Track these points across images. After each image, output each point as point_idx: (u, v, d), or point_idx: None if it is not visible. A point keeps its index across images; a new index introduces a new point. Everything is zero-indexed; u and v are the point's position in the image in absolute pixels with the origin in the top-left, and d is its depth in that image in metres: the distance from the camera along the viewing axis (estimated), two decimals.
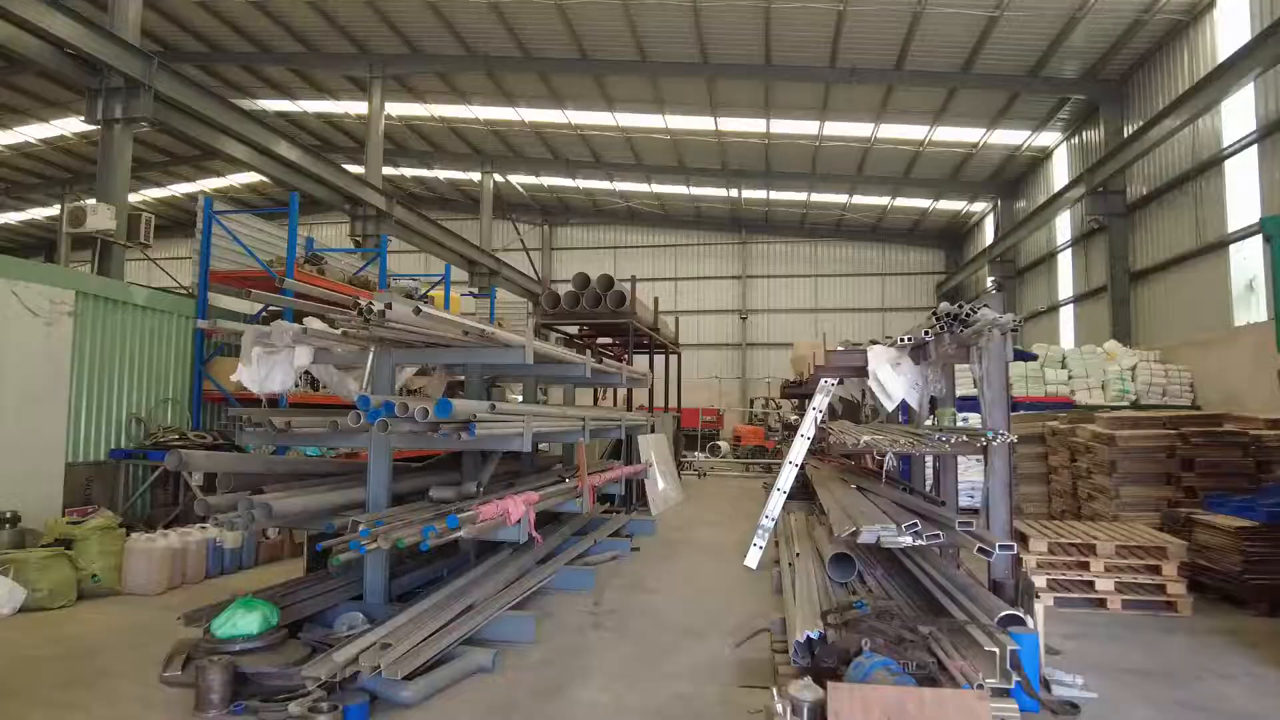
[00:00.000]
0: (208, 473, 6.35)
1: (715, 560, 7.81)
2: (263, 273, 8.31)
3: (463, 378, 6.58)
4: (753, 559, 7.23)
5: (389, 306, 3.68)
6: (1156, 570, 5.60)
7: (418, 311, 3.68)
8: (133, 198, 27.50)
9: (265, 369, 5.34)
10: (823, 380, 7.10)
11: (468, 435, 4.09)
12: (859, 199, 25.68)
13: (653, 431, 11.67)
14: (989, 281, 24.78)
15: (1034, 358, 13.68)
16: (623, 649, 4.94)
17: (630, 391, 11.82)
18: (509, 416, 4.58)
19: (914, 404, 4.94)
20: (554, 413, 5.56)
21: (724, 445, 24.24)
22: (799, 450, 7.15)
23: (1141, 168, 15.02)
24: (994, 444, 4.40)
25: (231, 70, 20.57)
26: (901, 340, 4.74)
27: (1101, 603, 5.66)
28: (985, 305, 4.28)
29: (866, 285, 29.90)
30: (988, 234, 25.04)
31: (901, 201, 25.59)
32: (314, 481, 5.49)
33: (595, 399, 15.48)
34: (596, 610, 5.73)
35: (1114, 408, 12.29)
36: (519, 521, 4.76)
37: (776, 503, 7.17)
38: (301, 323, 5.02)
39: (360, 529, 4.02)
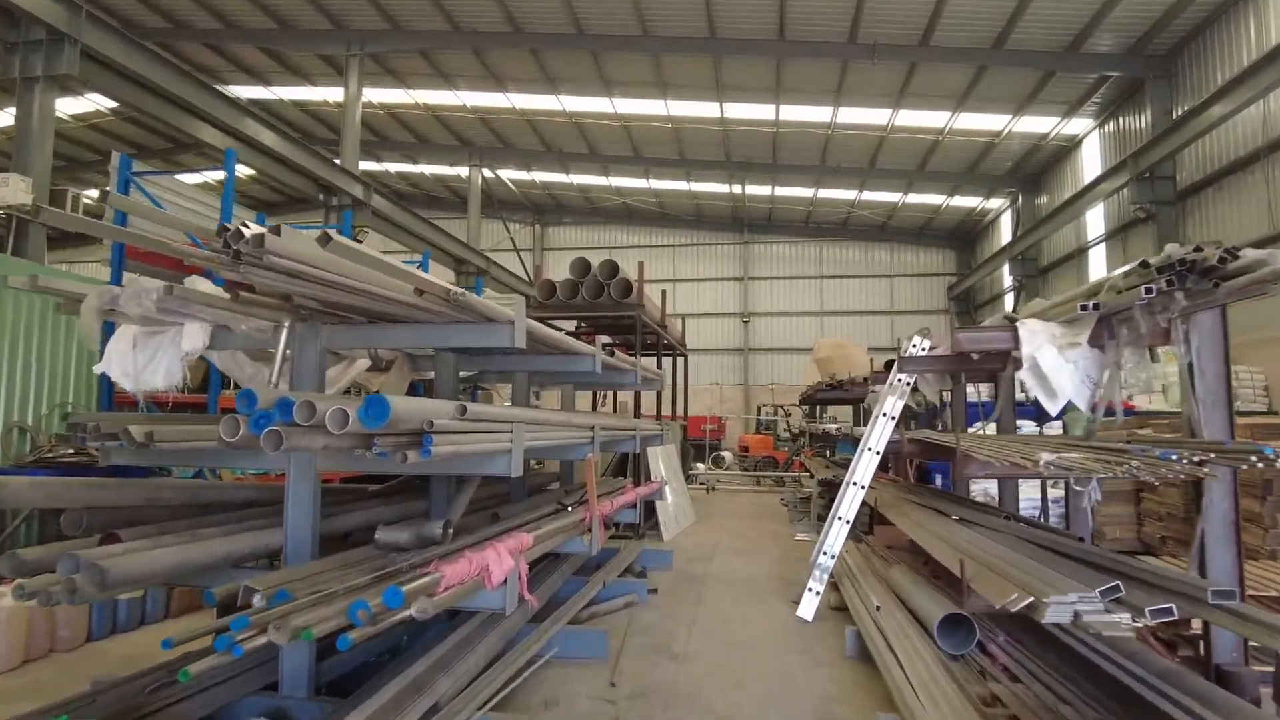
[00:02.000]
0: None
1: (753, 603, 6.23)
2: (189, 245, 6.69)
3: (433, 375, 5.02)
4: (808, 608, 5.67)
5: (275, 231, 2.12)
6: None
7: (326, 241, 2.12)
8: (98, 192, 25.92)
9: (145, 356, 3.77)
10: (896, 379, 5.58)
11: (419, 454, 2.52)
12: (869, 195, 24.27)
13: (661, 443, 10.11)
14: (1008, 281, 23.44)
15: None
16: None
17: (637, 397, 10.25)
18: (489, 425, 3.01)
19: (1084, 405, 3.42)
20: (556, 420, 4.00)
21: (727, 456, 22.68)
22: (867, 469, 5.62)
23: (1195, 150, 13.63)
24: (1218, 467, 2.86)
25: (197, 50, 18.93)
26: (1084, 308, 3.22)
27: None
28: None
29: (874, 287, 28.49)
30: (1004, 232, 23.69)
31: (913, 198, 24.20)
32: (219, 517, 3.90)
33: (594, 404, 13.89)
34: (614, 695, 4.14)
35: (1178, 414, 10.87)
36: (504, 582, 3.18)
37: (838, 536, 5.63)
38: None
39: (245, 611, 2.44)
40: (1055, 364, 3.30)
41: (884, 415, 5.61)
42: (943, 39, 14.72)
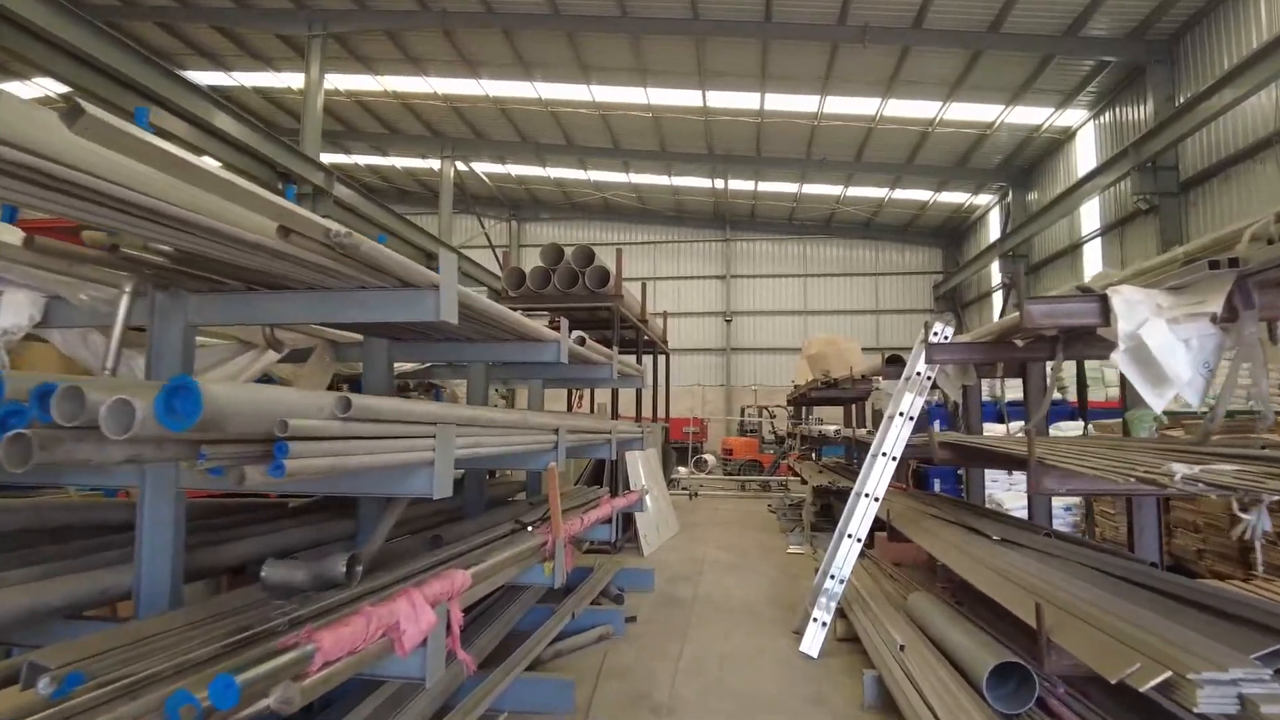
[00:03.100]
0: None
1: (749, 634, 5.38)
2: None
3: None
4: (813, 641, 4.82)
5: None
6: None
7: (76, 115, 1.24)
8: None
9: None
10: (915, 372, 4.77)
11: (268, 471, 1.64)
12: (855, 190, 23.62)
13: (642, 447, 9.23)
14: (996, 279, 22.89)
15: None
16: None
17: (615, 396, 9.39)
18: (398, 427, 2.14)
19: (1195, 399, 2.62)
20: (506, 420, 3.12)
21: (710, 459, 21.81)
22: (881, 478, 4.79)
23: (1199, 139, 13.04)
24: None
25: (150, 31, 17.80)
26: (1214, 265, 2.38)
27: None
28: None
29: (859, 286, 27.92)
30: (991, 229, 23.17)
31: (900, 194, 23.58)
32: (53, 550, 3.00)
33: (569, 405, 13.02)
34: None
35: (1193, 414, 10.19)
36: (423, 643, 2.30)
37: (847, 557, 4.80)
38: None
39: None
40: (1166, 343, 2.48)
41: (900, 415, 4.80)
42: (936, 21, 14.04)
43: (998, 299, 22.60)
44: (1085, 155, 17.38)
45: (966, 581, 4.10)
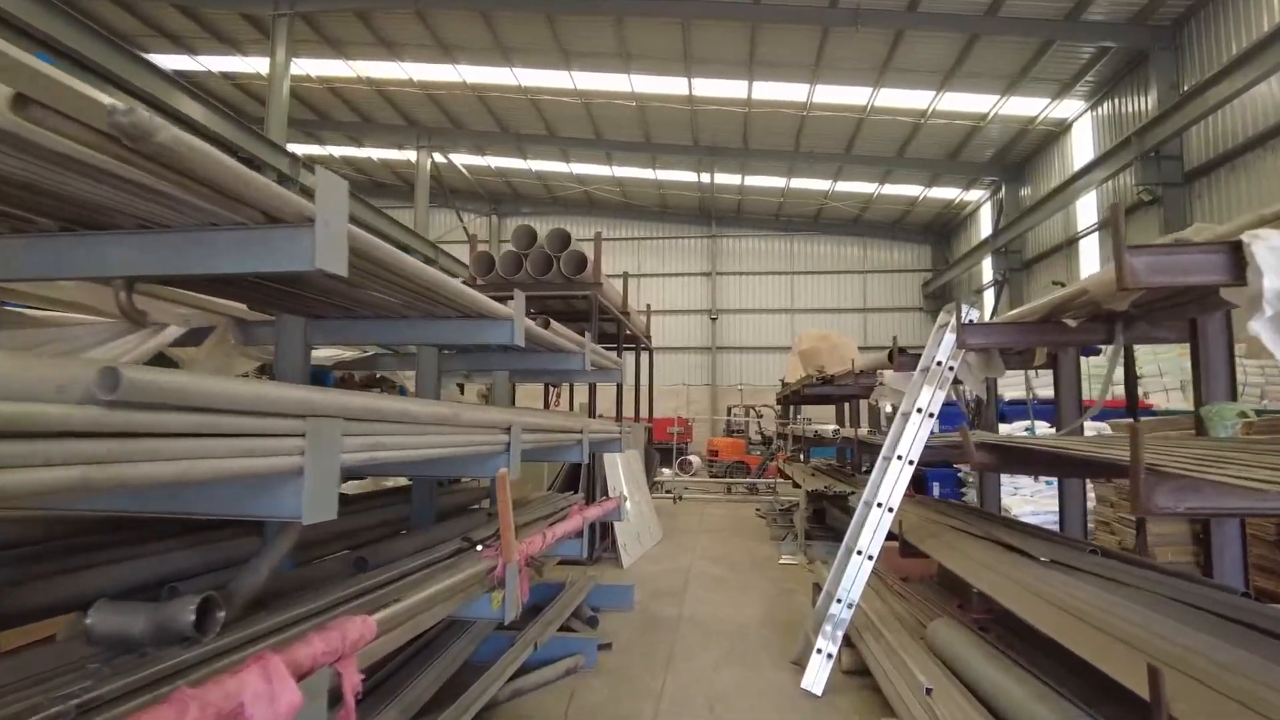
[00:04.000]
0: None
1: (742, 664, 4.69)
2: None
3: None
4: (816, 676, 4.14)
5: None
6: None
7: None
8: None
9: None
10: (936, 362, 4.11)
11: None
12: (843, 185, 23.05)
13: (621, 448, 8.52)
14: (988, 276, 22.44)
15: (1097, 351, 10.94)
16: None
17: (593, 393, 8.68)
18: (241, 419, 1.43)
19: None
20: (423, 414, 2.38)
21: (695, 460, 21.16)
22: (895, 485, 4.13)
23: (1203, 128, 12.56)
24: None
25: (108, 10, 16.88)
26: None
27: None
28: None
29: (847, 284, 27.40)
30: (983, 226, 22.69)
31: (889, 189, 23.04)
32: None
33: (545, 403, 12.30)
34: None
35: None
36: None
37: (857, 577, 4.12)
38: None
39: None
40: None
41: (918, 412, 4.14)
42: (932, 4, 13.46)
43: (989, 297, 22.13)
44: (1081, 148, 16.89)
45: (995, 602, 3.45)
